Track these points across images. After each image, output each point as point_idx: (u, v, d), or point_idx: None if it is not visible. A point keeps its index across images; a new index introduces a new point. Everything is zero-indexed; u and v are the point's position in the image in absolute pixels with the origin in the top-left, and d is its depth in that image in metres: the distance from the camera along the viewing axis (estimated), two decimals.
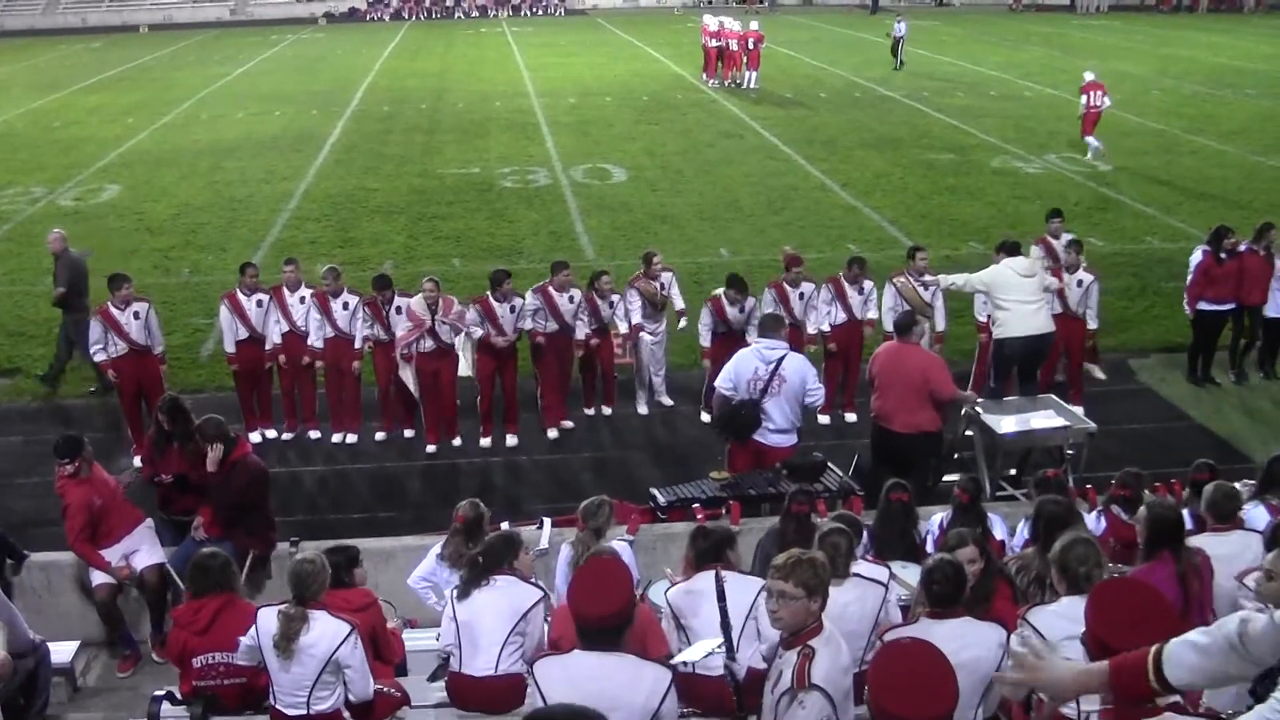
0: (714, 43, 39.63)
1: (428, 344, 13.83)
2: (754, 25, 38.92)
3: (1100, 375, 15.44)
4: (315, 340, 13.95)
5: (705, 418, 14.27)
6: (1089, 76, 28.58)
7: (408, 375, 14.01)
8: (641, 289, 14.52)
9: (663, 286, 14.73)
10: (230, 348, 14.06)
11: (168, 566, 10.16)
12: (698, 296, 18.43)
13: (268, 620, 7.30)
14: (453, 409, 14.21)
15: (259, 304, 13.98)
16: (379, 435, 14.39)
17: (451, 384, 14.18)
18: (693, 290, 18.84)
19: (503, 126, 32.82)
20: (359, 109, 36.20)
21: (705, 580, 7.40)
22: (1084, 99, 28.31)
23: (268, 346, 14.04)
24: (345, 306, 13.94)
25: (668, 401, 15.01)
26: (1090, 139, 28.38)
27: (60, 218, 23.76)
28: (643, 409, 14.83)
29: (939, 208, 23.64)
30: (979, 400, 12.57)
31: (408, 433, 14.39)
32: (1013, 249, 13.65)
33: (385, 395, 14.40)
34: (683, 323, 14.91)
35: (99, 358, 13.60)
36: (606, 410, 14.81)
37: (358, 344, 13.96)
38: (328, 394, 14.42)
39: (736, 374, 11.39)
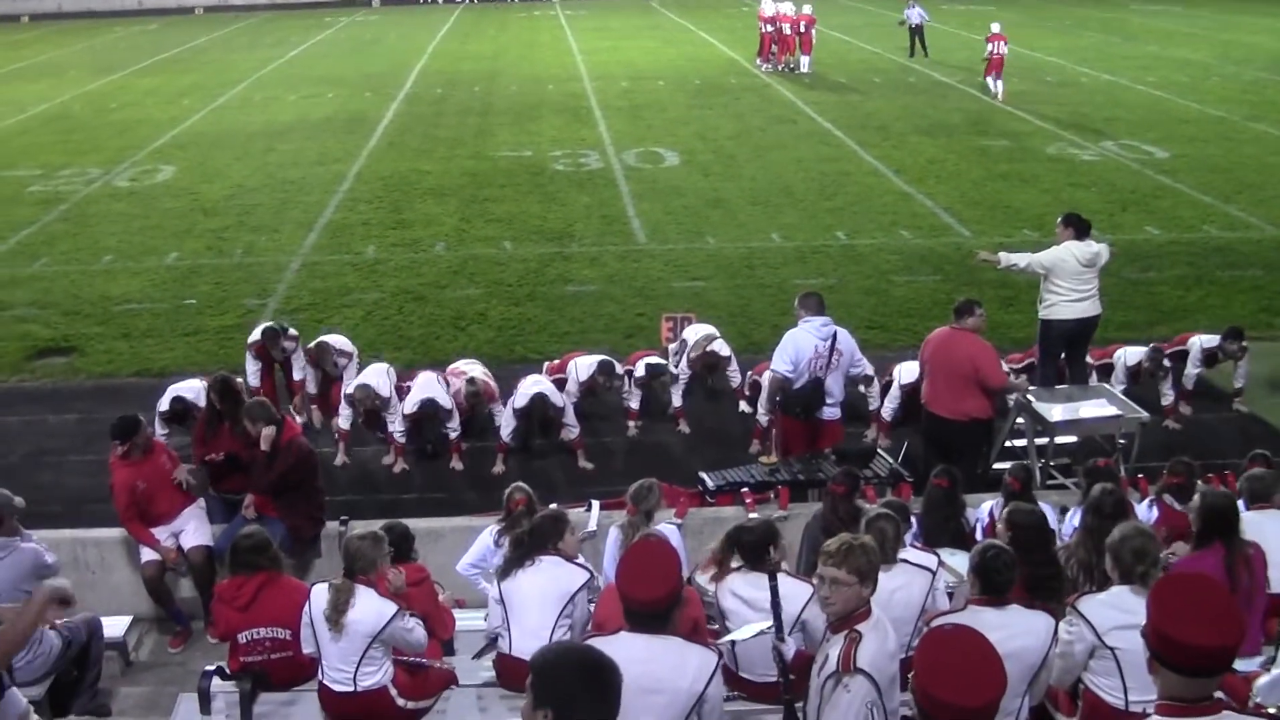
0: (768, 27, 39.46)
1: None
2: (807, 9, 38.70)
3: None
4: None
5: (744, 407, 14.22)
6: (995, 28, 34.00)
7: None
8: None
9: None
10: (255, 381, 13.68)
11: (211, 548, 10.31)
12: (749, 281, 18.47)
13: (319, 596, 7.41)
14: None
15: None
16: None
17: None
18: (743, 275, 18.85)
19: (555, 110, 32.81)
20: (412, 91, 36.30)
21: (759, 582, 7.35)
22: (989, 47, 33.76)
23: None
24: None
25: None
26: (989, 80, 33.79)
27: (116, 198, 24.03)
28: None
29: (993, 194, 23.44)
30: (1030, 389, 12.46)
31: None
32: (1080, 227, 13.31)
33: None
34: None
35: None
36: None
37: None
38: None
39: (797, 355, 11.35)
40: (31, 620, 6.49)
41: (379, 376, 12.93)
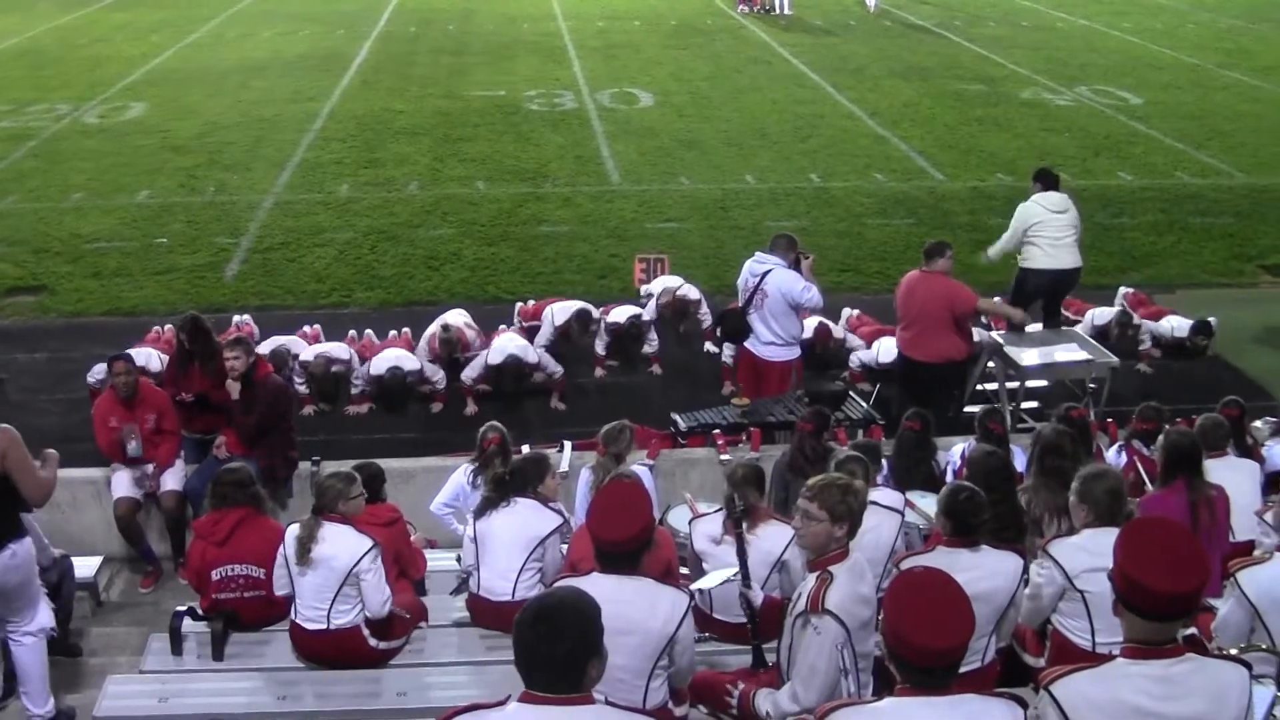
0: None
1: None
2: None
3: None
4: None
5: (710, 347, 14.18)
6: None
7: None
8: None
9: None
10: None
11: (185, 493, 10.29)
12: (722, 222, 18.45)
13: (292, 534, 7.44)
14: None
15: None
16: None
17: None
18: (716, 216, 18.83)
19: (530, 49, 32.53)
20: (386, 29, 35.90)
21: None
22: None
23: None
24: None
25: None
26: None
27: (86, 135, 23.80)
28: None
29: (967, 138, 23.41)
30: (1022, 314, 12.51)
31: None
32: (1048, 180, 13.35)
33: None
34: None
35: None
36: None
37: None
38: None
39: (740, 281, 11.58)
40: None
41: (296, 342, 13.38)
